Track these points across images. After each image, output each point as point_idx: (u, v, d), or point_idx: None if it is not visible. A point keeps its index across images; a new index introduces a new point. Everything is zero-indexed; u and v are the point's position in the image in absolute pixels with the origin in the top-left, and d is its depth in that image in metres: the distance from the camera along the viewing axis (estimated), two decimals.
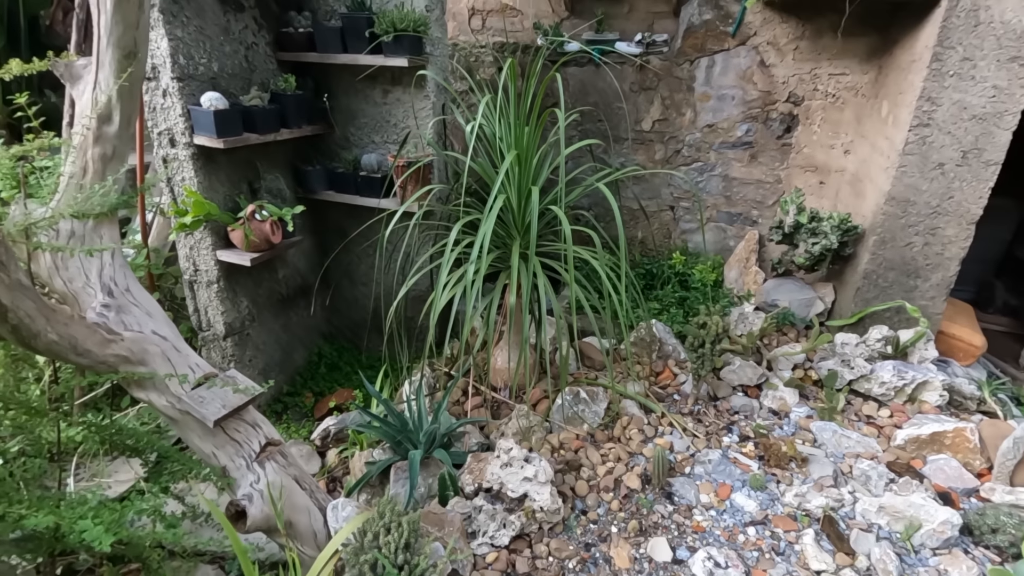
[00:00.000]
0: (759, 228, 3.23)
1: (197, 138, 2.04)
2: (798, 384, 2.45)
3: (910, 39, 2.40)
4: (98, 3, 1.30)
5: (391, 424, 2.03)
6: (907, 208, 2.42)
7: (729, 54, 3.01)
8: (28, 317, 1.24)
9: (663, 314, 2.91)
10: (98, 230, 1.56)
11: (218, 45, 2.11)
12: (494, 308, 1.97)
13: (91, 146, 1.49)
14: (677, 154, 3.30)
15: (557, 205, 1.93)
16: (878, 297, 2.58)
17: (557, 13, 3.36)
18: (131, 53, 1.39)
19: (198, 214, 2.02)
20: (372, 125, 2.56)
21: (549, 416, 2.21)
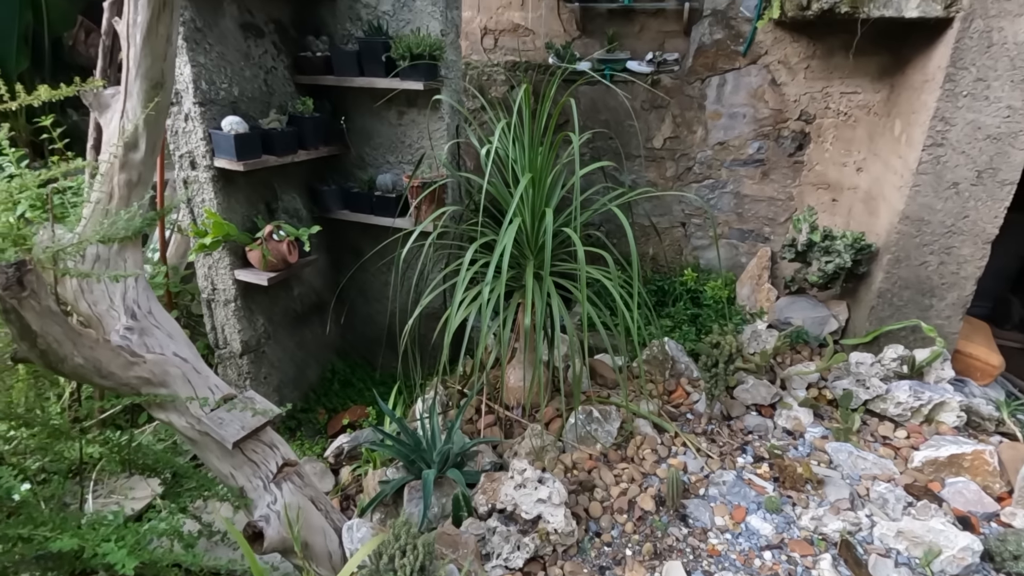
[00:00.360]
0: (771, 245, 3.23)
1: (217, 161, 2.08)
2: (813, 404, 2.43)
3: (922, 59, 2.40)
4: (128, 37, 1.34)
5: (404, 443, 2.04)
6: (921, 227, 2.41)
7: (740, 73, 3.03)
8: (56, 342, 1.27)
9: (675, 331, 2.90)
10: (122, 253, 1.59)
11: (239, 70, 2.16)
12: (508, 326, 1.98)
13: (117, 172, 1.53)
14: (688, 171, 3.31)
15: (570, 226, 1.94)
16: (893, 316, 2.56)
17: (568, 33, 3.40)
18: (158, 84, 1.43)
19: (217, 235, 2.06)
20: (387, 145, 2.60)
21: (562, 435, 2.21)
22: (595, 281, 2.11)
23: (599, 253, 2.05)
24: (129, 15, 1.32)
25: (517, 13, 3.49)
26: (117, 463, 1.62)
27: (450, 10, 2.31)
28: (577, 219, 1.94)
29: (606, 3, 3.16)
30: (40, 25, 3.79)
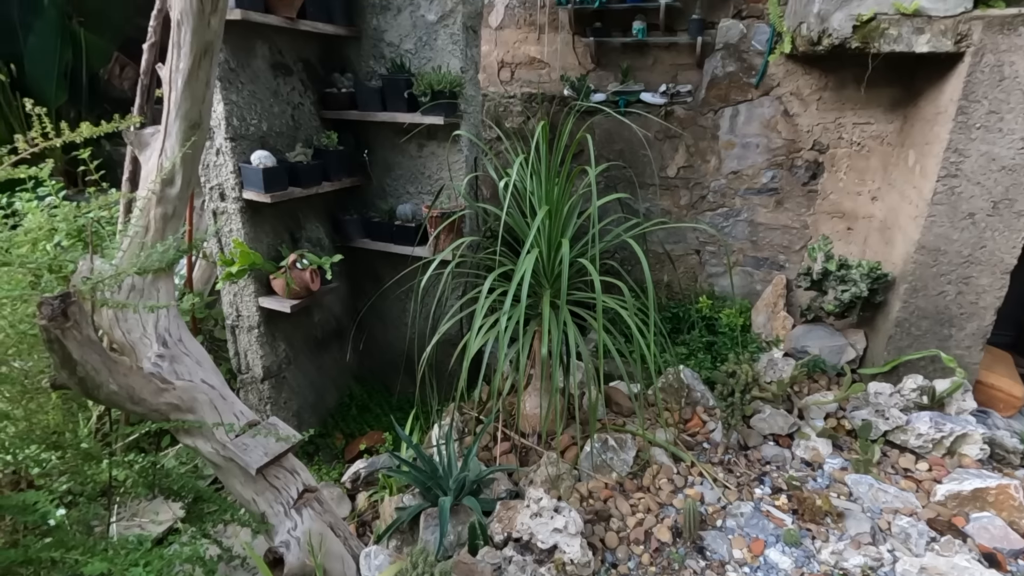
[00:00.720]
0: (786, 273, 3.23)
1: (246, 193, 2.17)
2: (831, 434, 2.41)
3: (935, 92, 2.43)
4: (170, 81, 1.43)
5: (421, 469, 2.07)
6: (938, 257, 2.41)
7: (753, 104, 3.08)
8: (94, 370, 1.33)
9: (690, 359, 2.90)
10: (156, 284, 1.66)
11: (268, 107, 2.26)
12: (524, 354, 2.01)
13: (154, 207, 1.61)
14: (702, 199, 3.35)
15: (586, 256, 1.98)
16: (911, 346, 2.55)
17: (583, 65, 3.49)
18: (196, 124, 1.51)
19: (244, 264, 2.13)
20: (407, 177, 2.68)
21: (578, 464, 2.22)
22: (611, 309, 2.15)
23: (614, 283, 2.08)
24: (172, 62, 1.41)
25: (533, 47, 3.60)
26: (144, 486, 1.67)
27: (469, 48, 2.40)
28: (594, 249, 1.98)
29: (620, 37, 3.24)
30: (79, 62, 3.99)
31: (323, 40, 2.47)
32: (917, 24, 2.24)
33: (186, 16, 1.33)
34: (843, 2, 2.31)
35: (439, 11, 2.31)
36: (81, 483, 1.64)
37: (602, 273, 2.06)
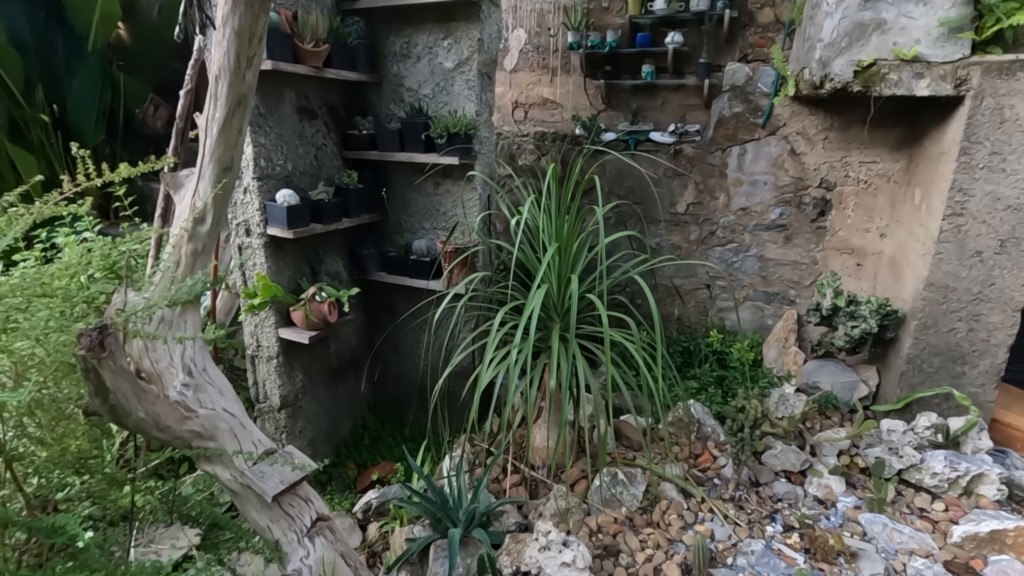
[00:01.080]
0: (797, 308, 3.25)
1: (270, 229, 2.28)
2: (844, 472, 2.39)
3: (938, 132, 2.49)
4: (206, 129, 1.54)
5: (432, 500, 2.09)
6: (947, 294, 2.42)
7: (760, 143, 3.16)
8: (125, 398, 1.41)
9: (701, 393, 2.91)
10: (184, 315, 1.75)
11: (293, 148, 2.39)
12: (534, 386, 2.05)
13: (185, 243, 1.71)
14: (712, 235, 3.41)
15: (595, 292, 2.04)
16: (924, 383, 2.54)
17: (595, 106, 3.62)
18: (227, 167, 1.62)
19: (266, 296, 2.22)
20: (423, 213, 2.78)
21: (587, 497, 2.23)
22: (620, 343, 2.19)
23: (622, 317, 2.12)
24: (209, 111, 1.52)
25: (546, 88, 3.74)
26: (164, 512, 1.72)
27: (484, 93, 2.52)
28: (601, 285, 2.04)
29: (630, 80, 3.37)
30: (117, 103, 4.23)
31: (346, 86, 2.62)
32: (917, 69, 2.32)
33: (224, 71, 1.45)
34: (844, 48, 2.40)
35: (456, 59, 2.45)
36: (104, 508, 1.70)
37: (612, 307, 2.11)
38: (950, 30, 2.23)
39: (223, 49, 1.42)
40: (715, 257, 3.42)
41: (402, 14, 2.46)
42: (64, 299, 1.56)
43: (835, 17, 2.37)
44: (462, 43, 2.42)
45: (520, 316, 1.98)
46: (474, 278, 2.22)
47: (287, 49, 2.12)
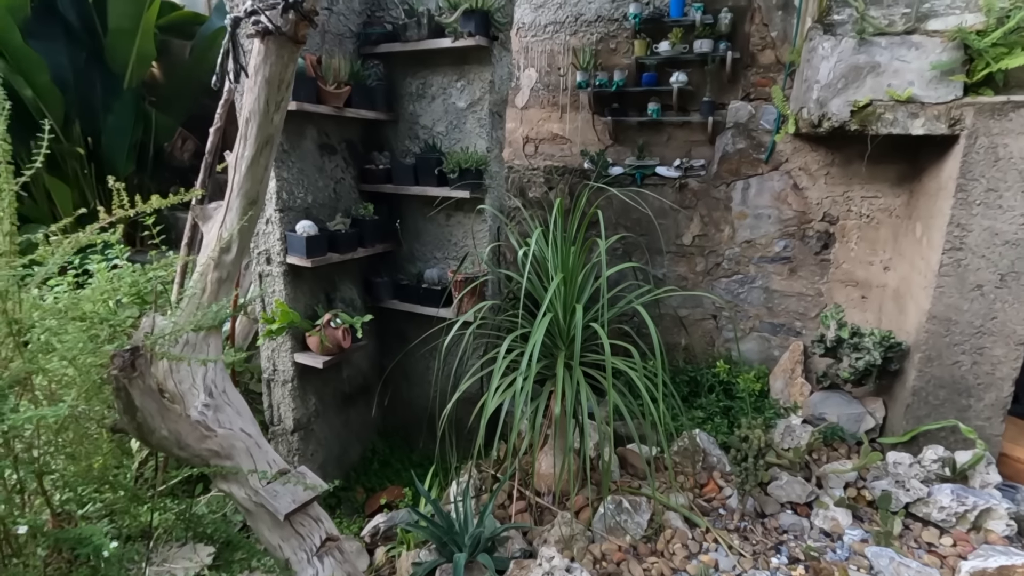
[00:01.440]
0: (803, 339, 3.28)
1: (290, 258, 2.39)
2: (850, 504, 2.38)
3: (936, 169, 2.56)
4: (235, 166, 1.67)
5: (438, 525, 2.13)
6: (950, 327, 2.45)
7: (763, 178, 3.25)
8: (151, 416, 1.49)
9: (707, 423, 2.93)
10: (207, 339, 1.85)
11: (313, 181, 2.53)
12: (540, 413, 2.11)
13: (211, 271, 1.82)
14: (718, 267, 3.47)
15: (599, 321, 2.11)
16: (930, 415, 2.54)
17: (602, 141, 3.74)
18: (253, 201, 1.74)
19: (284, 322, 2.32)
20: (435, 243, 2.89)
21: (592, 525, 2.25)
22: (624, 372, 2.24)
23: (627, 346, 2.18)
24: (239, 150, 1.65)
25: (556, 124, 3.88)
26: (181, 530, 1.79)
27: (495, 130, 2.65)
28: (605, 315, 2.11)
29: (636, 117, 3.50)
30: (148, 137, 4.46)
31: (365, 124, 2.77)
32: (911, 109, 2.40)
33: (254, 114, 1.57)
34: (840, 89, 2.50)
35: (468, 99, 2.59)
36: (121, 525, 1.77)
37: (617, 336, 2.17)
38: (942, 73, 2.33)
39: (254, 95, 1.55)
40: (721, 288, 3.47)
41: (419, 58, 2.61)
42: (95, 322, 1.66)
43: (831, 60, 2.48)
44: (474, 84, 2.56)
45: (527, 344, 2.05)
46: (483, 306, 2.30)
47: (311, 91, 2.27)
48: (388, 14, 2.69)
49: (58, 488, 1.59)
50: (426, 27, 2.44)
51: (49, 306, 1.60)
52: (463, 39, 2.35)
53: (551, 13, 3.69)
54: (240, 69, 1.50)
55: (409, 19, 2.49)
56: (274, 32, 1.42)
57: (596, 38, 3.57)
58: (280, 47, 1.47)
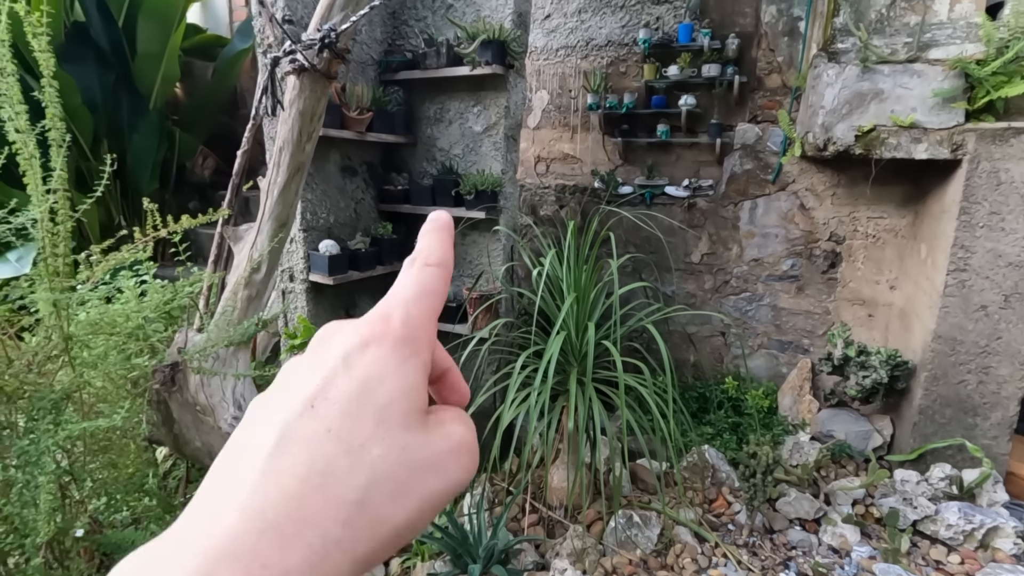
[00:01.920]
0: (811, 356, 3.32)
1: (312, 276, 2.49)
2: (858, 521, 2.42)
3: (939, 191, 2.62)
4: (268, 192, 1.77)
5: (453, 536, 2.19)
6: (955, 346, 2.50)
7: (770, 198, 3.32)
8: (186, 428, 1.58)
9: (716, 439, 2.98)
10: (236, 354, 1.94)
11: (335, 202, 2.63)
12: (553, 428, 2.17)
13: (242, 290, 1.92)
14: (726, 284, 3.53)
15: (610, 339, 2.18)
16: (937, 433, 2.58)
17: (612, 161, 3.84)
18: (283, 224, 1.84)
19: (306, 337, 2.41)
20: None
21: (603, 538, 2.30)
22: (634, 388, 2.31)
23: (638, 363, 2.25)
24: (271, 176, 1.75)
25: (567, 145, 3.99)
26: None
27: (509, 153, 2.75)
28: (617, 332, 2.18)
29: (645, 138, 3.59)
30: (171, 155, 4.61)
31: (385, 147, 2.88)
32: (914, 135, 2.48)
33: (287, 144, 1.68)
34: (844, 115, 2.58)
35: (484, 124, 2.69)
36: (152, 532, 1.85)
37: (627, 353, 2.24)
38: (944, 100, 2.40)
39: (288, 126, 1.65)
40: (729, 306, 3.53)
41: (437, 85, 2.73)
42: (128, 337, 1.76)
43: (835, 87, 2.56)
44: (490, 110, 2.67)
45: (540, 360, 2.12)
46: (497, 324, 2.38)
47: (335, 117, 2.38)
48: (408, 43, 2.81)
49: (96, 495, 1.68)
50: (445, 56, 2.55)
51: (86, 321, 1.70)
52: (480, 67, 2.45)
53: (563, 38, 3.81)
54: (276, 103, 1.60)
55: (428, 48, 2.61)
56: (309, 69, 1.52)
57: (607, 62, 3.68)
58: (314, 83, 1.57)
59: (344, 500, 0.22)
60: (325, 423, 0.23)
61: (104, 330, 1.70)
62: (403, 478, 0.23)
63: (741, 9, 3.27)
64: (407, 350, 0.25)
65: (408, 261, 0.30)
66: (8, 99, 1.21)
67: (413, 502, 0.23)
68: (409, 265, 0.29)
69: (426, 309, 0.27)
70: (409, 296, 0.28)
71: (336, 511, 0.22)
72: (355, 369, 0.24)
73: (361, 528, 0.22)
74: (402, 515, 0.23)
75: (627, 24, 3.59)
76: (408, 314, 0.27)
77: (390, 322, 0.26)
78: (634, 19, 3.56)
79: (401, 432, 0.24)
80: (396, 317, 0.26)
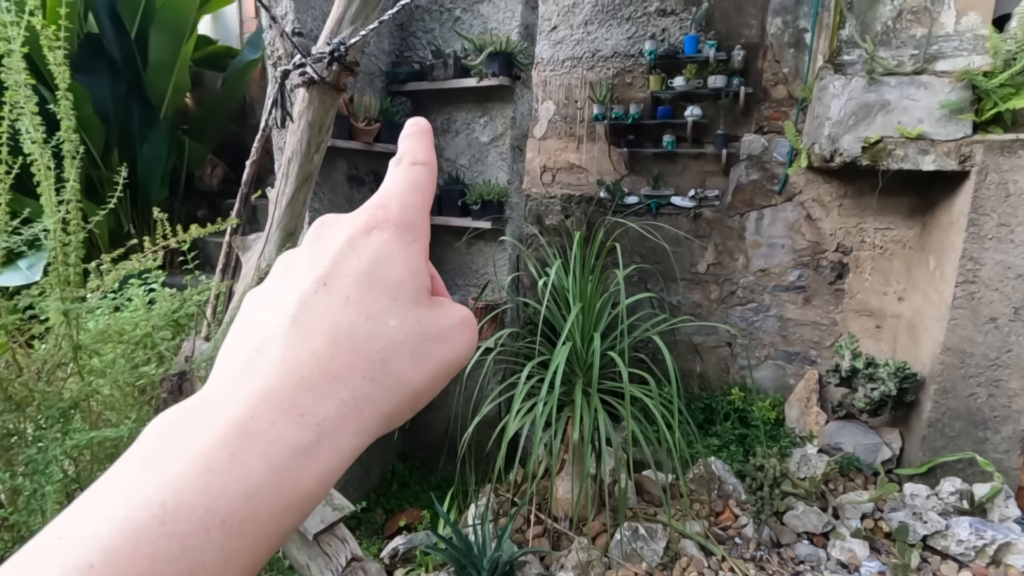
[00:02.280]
0: (818, 368, 3.30)
1: None
2: (867, 536, 2.39)
3: (947, 203, 2.61)
4: (276, 202, 1.78)
5: (457, 548, 2.18)
6: (964, 359, 2.47)
7: (776, 208, 3.32)
8: None
9: (722, 451, 2.95)
10: None
11: (342, 211, 2.64)
12: (558, 438, 2.16)
13: None
14: (732, 295, 3.52)
15: (615, 350, 2.17)
16: (946, 447, 2.55)
17: (618, 171, 3.85)
18: (291, 233, 1.85)
19: None
20: (456, 270, 2.99)
21: (608, 551, 2.28)
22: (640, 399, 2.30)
23: (643, 374, 2.24)
24: (280, 186, 1.76)
25: (573, 155, 4.00)
26: None
27: (515, 163, 2.77)
28: (622, 343, 2.17)
29: (651, 148, 3.60)
30: (181, 164, 4.66)
31: (391, 157, 2.90)
32: (922, 146, 2.47)
33: (296, 155, 1.69)
34: (851, 126, 2.58)
35: (491, 135, 2.71)
36: None
37: (633, 364, 2.23)
38: (951, 111, 2.40)
39: (297, 137, 1.67)
40: (736, 316, 3.52)
41: (444, 96, 2.75)
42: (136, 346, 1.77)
43: (841, 98, 2.57)
44: (496, 120, 2.69)
45: (546, 370, 2.12)
46: (503, 334, 2.38)
47: (343, 128, 2.40)
48: (416, 55, 2.84)
49: None
50: (452, 67, 2.58)
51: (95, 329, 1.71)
52: (487, 79, 2.48)
53: (569, 49, 3.84)
54: (286, 115, 1.62)
55: (436, 60, 2.63)
56: (318, 82, 1.54)
57: (612, 73, 3.71)
58: (323, 95, 1.59)
59: (370, 359, 0.23)
60: (342, 293, 0.24)
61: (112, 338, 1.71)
62: (419, 345, 0.25)
63: (747, 21, 3.28)
64: (409, 235, 0.26)
65: (394, 161, 0.30)
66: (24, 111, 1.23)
67: (430, 367, 0.25)
68: (395, 164, 0.30)
69: (420, 200, 0.28)
70: (403, 188, 0.28)
71: (365, 369, 0.23)
72: (362, 250, 0.25)
73: (386, 386, 0.23)
74: (420, 378, 0.24)
75: (633, 36, 3.61)
76: (405, 203, 0.28)
77: (389, 210, 0.27)
78: (640, 31, 3.58)
79: (413, 307, 0.25)
80: (394, 206, 0.27)
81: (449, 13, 2.75)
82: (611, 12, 3.65)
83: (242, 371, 0.22)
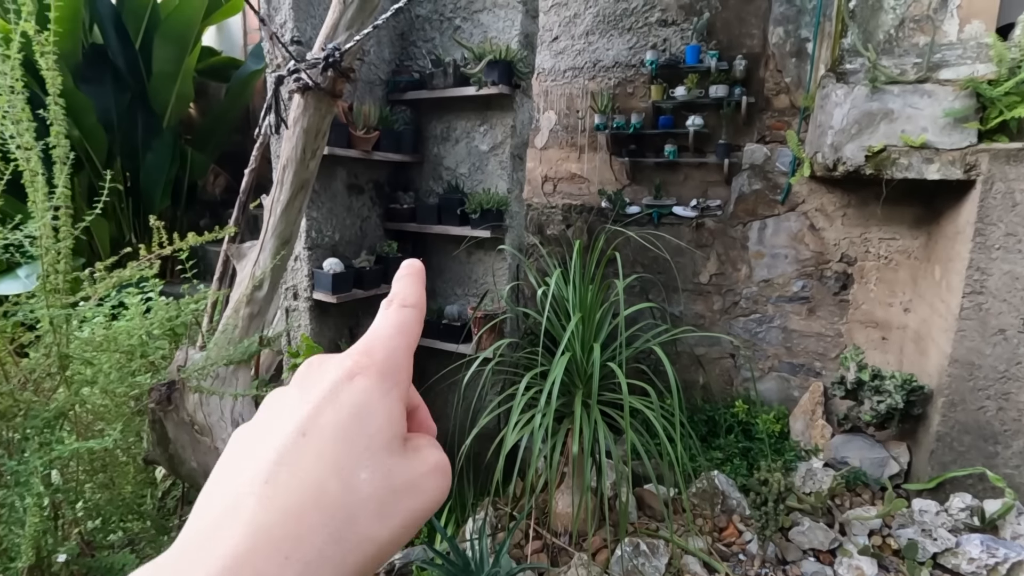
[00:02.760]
0: (823, 380, 3.25)
1: (316, 294, 2.48)
2: (875, 553, 2.33)
3: (953, 212, 2.58)
4: (271, 209, 1.76)
5: (454, 563, 2.13)
6: (973, 371, 2.42)
7: (779, 218, 3.28)
8: (182, 448, 1.55)
9: (726, 465, 2.90)
10: (236, 373, 1.92)
11: (341, 220, 2.63)
12: (557, 451, 2.12)
13: (244, 307, 1.90)
14: (735, 305, 3.48)
15: (616, 360, 2.13)
16: (956, 462, 2.49)
17: (619, 181, 3.83)
18: (286, 241, 1.83)
19: (308, 356, 2.39)
20: (456, 280, 2.96)
21: (609, 567, 2.22)
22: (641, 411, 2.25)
23: (644, 385, 2.20)
24: (275, 194, 1.75)
25: (574, 164, 3.99)
26: None
27: (516, 172, 2.75)
28: (623, 353, 2.13)
29: (653, 158, 3.58)
30: (183, 173, 4.67)
31: (392, 165, 2.89)
32: (926, 155, 2.44)
33: (291, 162, 1.67)
34: (854, 135, 2.55)
35: (491, 143, 2.70)
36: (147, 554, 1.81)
37: (634, 375, 2.19)
38: (956, 120, 2.37)
39: (292, 143, 1.65)
40: (739, 327, 3.47)
41: (444, 104, 2.74)
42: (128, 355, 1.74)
43: (844, 107, 2.54)
44: (497, 129, 2.67)
45: (545, 382, 2.08)
46: (502, 344, 2.35)
47: (342, 136, 2.39)
48: (415, 63, 2.84)
49: (89, 516, 1.65)
50: (452, 76, 2.57)
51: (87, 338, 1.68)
52: (487, 88, 2.46)
53: (570, 59, 3.84)
54: (280, 121, 1.60)
55: (435, 68, 2.63)
56: (313, 88, 1.52)
57: (614, 83, 3.70)
58: (318, 101, 1.57)
59: (336, 519, 0.24)
60: (316, 449, 0.25)
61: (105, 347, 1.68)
62: (387, 499, 0.26)
63: (748, 31, 3.28)
64: (390, 382, 0.28)
65: (385, 303, 0.33)
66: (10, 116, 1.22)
67: (396, 520, 0.26)
68: (386, 306, 0.33)
69: (404, 346, 0.31)
70: (390, 333, 0.31)
71: (329, 529, 0.24)
72: (343, 398, 0.27)
73: (351, 545, 0.24)
74: (386, 533, 0.25)
75: (634, 46, 3.61)
76: (389, 349, 0.30)
77: (373, 356, 0.29)
78: (641, 41, 3.58)
79: (386, 457, 0.26)
80: (379, 352, 0.29)
81: (449, 22, 2.75)
82: (612, 23, 3.66)
83: (215, 526, 0.23)
